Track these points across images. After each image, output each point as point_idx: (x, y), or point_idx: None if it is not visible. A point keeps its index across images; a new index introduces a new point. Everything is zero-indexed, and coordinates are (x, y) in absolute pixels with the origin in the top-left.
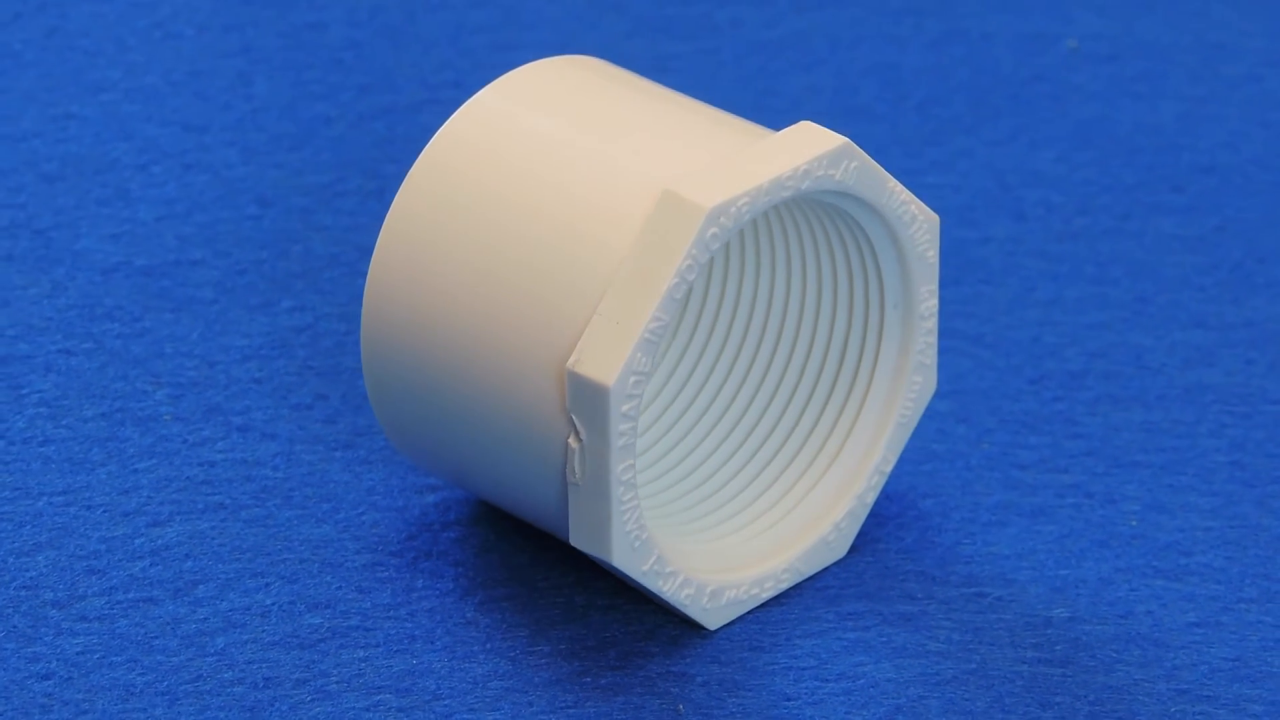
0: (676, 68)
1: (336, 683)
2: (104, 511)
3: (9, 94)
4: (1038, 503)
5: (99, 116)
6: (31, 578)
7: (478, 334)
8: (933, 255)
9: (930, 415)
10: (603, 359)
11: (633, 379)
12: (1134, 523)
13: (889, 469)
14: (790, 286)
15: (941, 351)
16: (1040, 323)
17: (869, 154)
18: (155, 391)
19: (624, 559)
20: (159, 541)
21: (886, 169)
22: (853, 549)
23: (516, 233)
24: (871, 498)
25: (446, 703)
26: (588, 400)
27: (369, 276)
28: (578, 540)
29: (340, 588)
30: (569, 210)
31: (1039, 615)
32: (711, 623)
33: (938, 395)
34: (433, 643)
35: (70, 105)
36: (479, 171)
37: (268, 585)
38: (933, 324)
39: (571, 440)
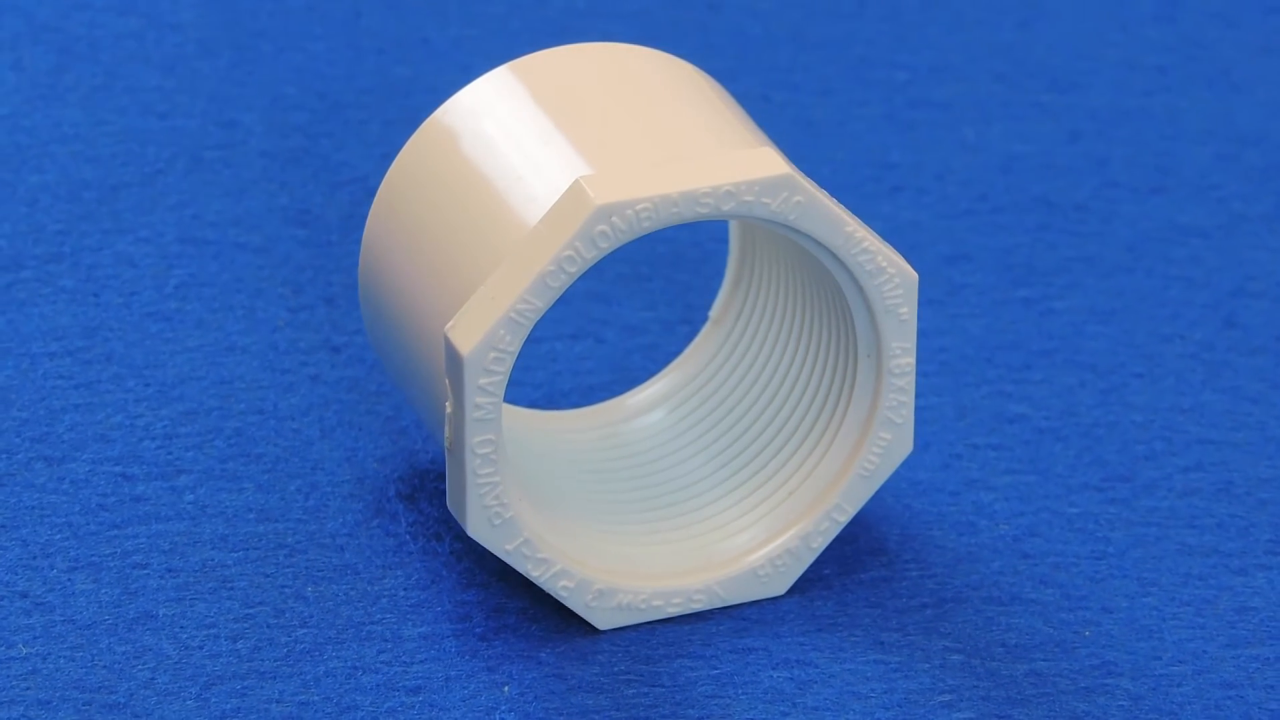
0: (1001, 114)
1: (227, 589)
2: (156, 390)
3: (398, 23)
4: (1011, 593)
5: (448, 51)
6: (43, 432)
7: (414, 289)
8: (907, 313)
9: (980, 487)
10: (469, 329)
11: (492, 354)
12: (1087, 633)
13: (844, 519)
14: (791, 320)
15: (1042, 431)
16: (1162, 427)
17: (1123, 229)
18: (291, 298)
19: (480, 532)
20: (180, 429)
21: (1146, 250)
22: (795, 589)
23: (469, 199)
24: (819, 543)
25: (310, 630)
26: (452, 366)
27: (370, 216)
28: (450, 504)
29: (302, 507)
30: (513, 188)
31: (918, 698)
32: (600, 622)
33: (1003, 470)
34: (339, 578)
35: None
36: (468, 140)
37: (241, 490)
38: (905, 383)
39: (447, 404)
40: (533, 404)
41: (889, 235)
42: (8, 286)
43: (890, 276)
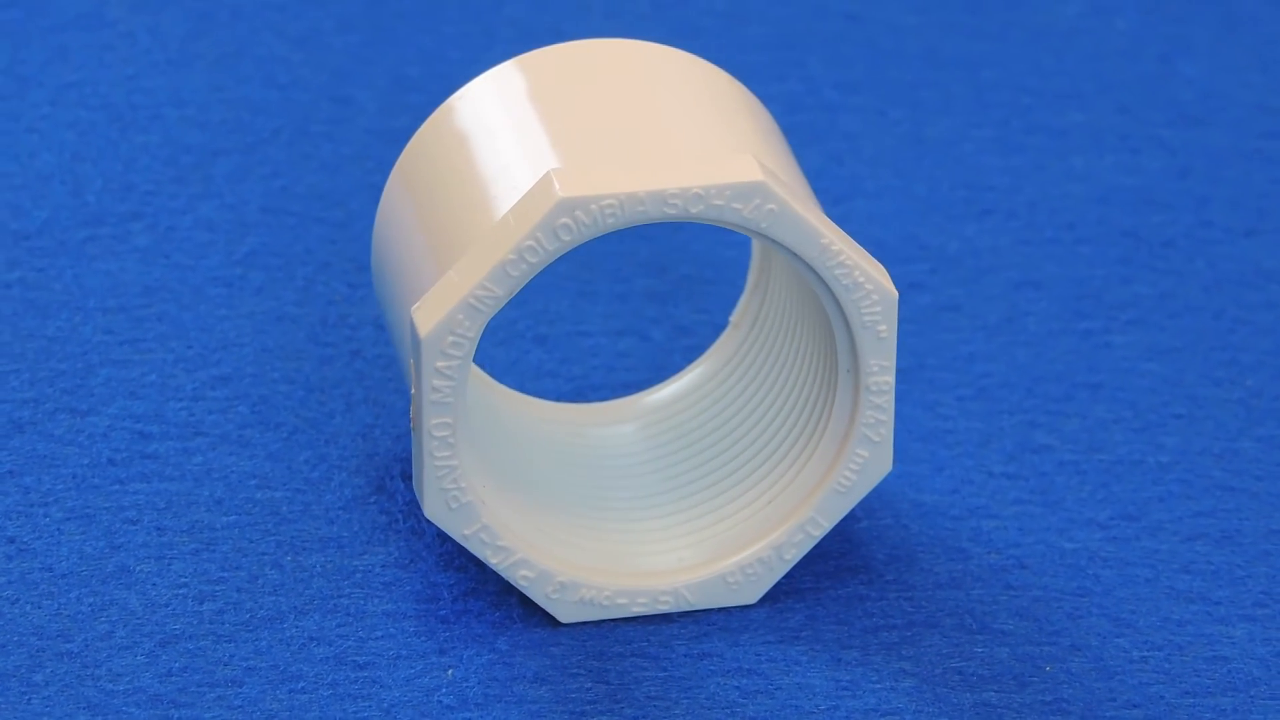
0: (1115, 146)
1: (208, 551)
2: (197, 352)
3: (538, 14)
4: (984, 622)
5: None
6: (76, 384)
7: (403, 271)
8: (885, 331)
9: (983, 514)
10: (430, 311)
11: (450, 338)
12: (1048, 669)
13: (819, 533)
14: (792, 330)
15: (1063, 464)
16: (1185, 470)
17: (1204, 269)
18: (354, 274)
19: (437, 515)
20: (209, 392)
21: (1222, 291)
22: (767, 599)
23: (459, 187)
24: (793, 555)
25: (277, 599)
26: (414, 347)
27: (380, 204)
28: (414, 485)
29: (305, 478)
30: (498, 178)
31: (860, 717)
32: (561, 615)
33: (1011, 500)
34: (320, 550)
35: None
36: (468, 129)
37: (251, 455)
38: (883, 401)
39: (412, 386)
40: (560, 396)
41: (963, 256)
42: (83, 242)
43: (868, 293)
